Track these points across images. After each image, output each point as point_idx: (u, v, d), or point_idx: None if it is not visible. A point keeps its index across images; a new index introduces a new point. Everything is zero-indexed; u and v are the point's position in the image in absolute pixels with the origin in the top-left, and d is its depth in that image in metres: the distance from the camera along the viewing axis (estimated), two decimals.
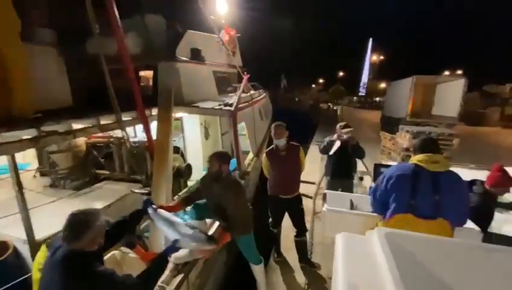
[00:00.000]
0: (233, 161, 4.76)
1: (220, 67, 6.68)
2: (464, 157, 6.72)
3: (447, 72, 26.59)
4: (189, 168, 4.73)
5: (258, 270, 2.57)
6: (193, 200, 2.53)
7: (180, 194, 3.97)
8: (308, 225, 3.91)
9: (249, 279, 2.69)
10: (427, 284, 0.74)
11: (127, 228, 2.10)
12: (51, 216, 2.94)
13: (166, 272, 2.12)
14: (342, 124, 3.47)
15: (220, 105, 4.42)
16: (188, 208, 3.46)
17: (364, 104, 37.39)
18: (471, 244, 0.90)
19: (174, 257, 2.30)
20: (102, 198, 3.45)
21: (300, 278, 2.97)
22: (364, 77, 63.14)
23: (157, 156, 3.25)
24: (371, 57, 63.34)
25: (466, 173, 4.12)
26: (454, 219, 1.67)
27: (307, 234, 3.24)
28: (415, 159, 1.79)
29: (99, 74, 3.33)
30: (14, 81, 2.56)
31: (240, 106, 4.76)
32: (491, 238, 2.32)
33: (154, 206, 2.15)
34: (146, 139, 3.75)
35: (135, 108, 3.59)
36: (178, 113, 4.57)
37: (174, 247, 1.90)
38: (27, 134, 2.48)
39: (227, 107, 4.21)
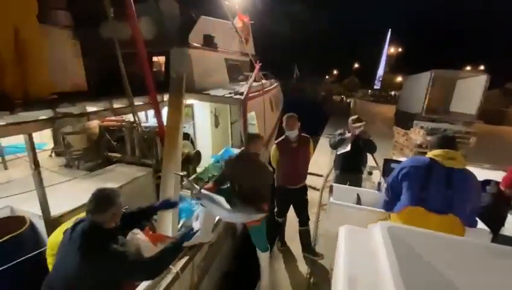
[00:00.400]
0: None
1: (232, 54, 6.62)
2: (480, 157, 6.51)
3: (468, 68, 25.35)
4: (198, 155, 4.79)
5: (263, 257, 2.62)
6: (221, 184, 2.51)
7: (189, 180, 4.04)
8: (313, 217, 3.94)
9: (252, 264, 2.75)
10: (425, 279, 0.73)
11: (146, 217, 2.19)
12: (66, 194, 3.07)
13: None
14: (354, 117, 3.39)
15: (230, 93, 4.41)
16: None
17: (378, 98, 36.42)
18: (476, 243, 0.88)
19: None
20: (114, 180, 3.56)
21: (303, 267, 3.02)
22: (380, 70, 61.18)
23: (167, 142, 3.30)
24: (389, 49, 61.12)
25: (479, 173, 4.01)
26: (463, 217, 1.64)
27: (312, 225, 3.26)
28: (431, 153, 1.79)
29: (113, 58, 3.37)
30: (31, 62, 2.63)
31: (251, 95, 4.74)
32: (501, 240, 2.27)
33: (197, 187, 2.17)
34: (157, 125, 3.81)
35: (147, 93, 3.64)
36: (189, 100, 4.60)
37: (190, 234, 1.91)
38: (43, 115, 2.56)
39: (238, 96, 4.20)
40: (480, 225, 1.91)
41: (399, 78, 38.42)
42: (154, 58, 5.13)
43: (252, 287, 2.76)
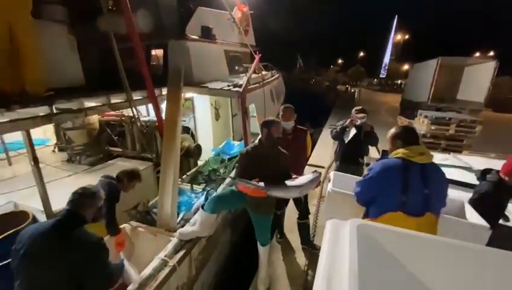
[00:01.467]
0: (242, 144, 4.78)
1: (232, 46, 6.53)
2: (487, 146, 6.39)
3: (477, 54, 24.57)
4: (198, 148, 4.80)
5: (263, 250, 2.62)
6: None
7: (188, 173, 4.07)
8: (313, 209, 3.94)
9: (251, 257, 2.78)
10: (385, 278, 0.72)
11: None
12: (68, 189, 3.10)
13: (170, 247, 2.23)
14: (358, 108, 3.34)
15: (229, 86, 4.37)
16: (198, 188, 3.58)
17: (384, 87, 35.80)
18: (446, 241, 0.86)
19: (179, 233, 2.41)
20: (115, 174, 3.60)
21: (301, 259, 3.04)
22: (386, 58, 59.85)
23: (166, 136, 3.30)
24: (395, 37, 59.55)
25: (484, 162, 3.95)
26: (438, 212, 1.64)
27: (311, 217, 3.26)
28: (401, 152, 1.67)
29: (111, 52, 3.35)
30: (27, 59, 2.62)
31: (250, 87, 4.68)
32: (501, 231, 2.23)
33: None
34: (156, 118, 3.82)
35: (146, 87, 3.63)
36: (187, 93, 4.58)
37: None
38: (41, 111, 2.58)
39: (236, 88, 4.15)
40: (478, 219, 1.87)
41: (405, 67, 37.59)
42: (153, 52, 5.09)
43: (250, 278, 2.79)
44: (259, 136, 2.40)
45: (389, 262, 0.77)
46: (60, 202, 2.77)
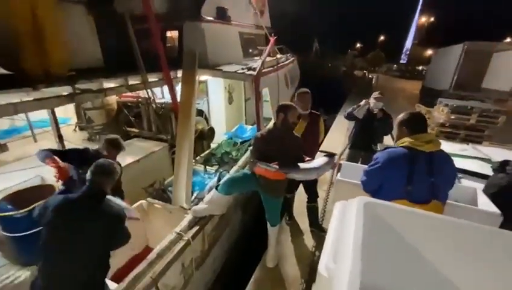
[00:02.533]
0: (254, 128, 4.81)
1: (247, 28, 6.42)
2: (510, 138, 6.11)
3: (508, 40, 22.77)
4: (212, 131, 4.89)
5: (272, 231, 2.71)
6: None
7: (202, 155, 4.18)
8: (323, 194, 3.99)
9: (260, 236, 2.89)
10: (389, 254, 0.75)
11: None
12: None
13: (185, 223, 2.36)
14: (376, 93, 3.30)
15: (243, 69, 4.35)
16: (211, 169, 3.69)
17: (404, 73, 34.24)
18: (452, 221, 0.88)
19: (193, 210, 2.53)
20: (132, 153, 3.75)
21: (309, 240, 3.13)
22: (408, 43, 56.74)
23: (180, 117, 3.38)
24: (419, 19, 56.01)
25: (506, 154, 3.81)
26: (444, 199, 1.63)
27: (320, 201, 3.31)
28: (407, 141, 1.63)
29: (128, 33, 3.40)
30: (50, 39, 2.72)
31: (264, 70, 4.64)
32: None
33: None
34: (171, 101, 3.89)
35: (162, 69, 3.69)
36: (202, 76, 4.60)
37: None
38: (63, 91, 2.70)
39: (250, 72, 4.13)
40: (491, 206, 1.85)
41: (429, 52, 35.61)
42: (168, 34, 5.10)
43: (259, 256, 2.92)
44: (273, 120, 2.43)
45: (394, 239, 0.81)
46: None
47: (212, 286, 2.88)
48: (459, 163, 3.29)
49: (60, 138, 2.72)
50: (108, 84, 3.30)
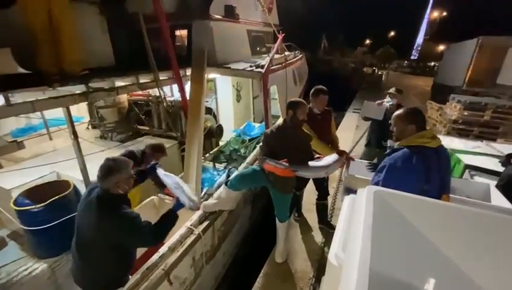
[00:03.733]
0: (262, 126, 4.83)
1: (255, 25, 6.42)
2: None
3: None
4: (220, 128, 4.93)
5: (281, 226, 2.74)
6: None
7: (211, 152, 4.23)
8: (332, 191, 3.98)
9: (269, 232, 2.92)
10: (399, 241, 0.76)
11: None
12: (101, 163, 3.40)
13: (195, 218, 2.41)
14: (393, 89, 3.30)
15: (251, 66, 4.36)
16: (220, 166, 3.74)
17: (415, 70, 33.53)
18: (463, 209, 0.87)
19: (203, 206, 2.58)
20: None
21: (318, 236, 3.13)
22: (420, 38, 55.38)
23: (190, 115, 3.43)
24: (431, 14, 54.56)
25: None
26: (450, 191, 1.64)
27: (330, 198, 3.31)
28: (419, 141, 1.57)
29: (139, 33, 3.47)
30: (65, 39, 2.80)
31: (272, 68, 4.64)
32: None
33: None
34: (181, 99, 3.95)
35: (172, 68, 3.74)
36: (210, 74, 4.65)
37: (180, 204, 1.99)
38: (78, 89, 2.78)
39: (258, 69, 4.15)
40: (502, 201, 1.82)
41: (441, 47, 34.72)
42: (177, 32, 5.16)
43: (268, 251, 2.94)
44: (281, 117, 2.45)
45: (404, 227, 0.81)
46: (95, 173, 3.05)
47: (221, 279, 2.93)
48: (471, 160, 3.24)
49: (75, 135, 2.80)
50: (120, 82, 3.38)
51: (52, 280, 2.79)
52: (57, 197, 2.93)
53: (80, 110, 5.30)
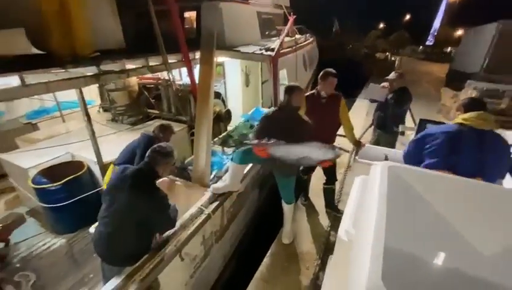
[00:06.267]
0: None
1: (265, 7, 6.24)
2: None
3: None
4: (229, 113, 4.93)
5: (288, 208, 2.78)
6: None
7: (220, 136, 4.26)
8: (339, 176, 3.98)
9: (276, 215, 2.97)
10: (414, 218, 0.76)
11: None
12: (113, 145, 3.48)
13: (205, 198, 2.47)
14: (392, 74, 3.19)
15: (261, 50, 4.28)
16: (229, 150, 3.77)
17: (430, 55, 32.17)
18: (481, 184, 0.86)
19: (212, 187, 2.63)
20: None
21: (324, 220, 3.18)
22: (437, 22, 52.66)
23: (199, 98, 3.42)
24: None
25: None
26: (492, 179, 1.59)
27: (337, 184, 3.32)
28: (460, 118, 1.70)
29: (148, 15, 3.43)
30: (76, 21, 2.80)
31: (282, 51, 4.55)
32: None
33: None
34: (190, 82, 3.94)
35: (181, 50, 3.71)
36: (220, 58, 4.59)
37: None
38: (89, 71, 2.81)
39: (268, 52, 4.07)
40: None
41: (459, 32, 33.09)
42: (186, 15, 5.07)
43: (275, 234, 3.01)
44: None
45: (418, 203, 0.82)
46: (107, 155, 3.13)
47: (230, 258, 3.04)
48: None
49: (88, 117, 2.86)
50: (130, 65, 3.38)
51: (69, 254, 2.95)
52: (72, 176, 3.05)
53: (91, 94, 5.38)
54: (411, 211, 0.81)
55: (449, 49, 33.79)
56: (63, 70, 2.57)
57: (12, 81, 2.19)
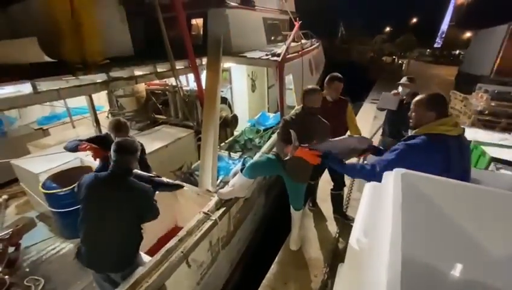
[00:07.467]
0: (277, 116, 4.79)
1: (271, 13, 6.29)
2: None
3: None
4: (235, 118, 4.95)
5: (296, 214, 2.75)
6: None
7: (226, 142, 4.27)
8: (347, 182, 3.92)
9: (284, 221, 2.94)
10: (429, 227, 0.74)
11: None
12: None
13: (211, 204, 2.46)
14: (405, 78, 3.16)
15: (267, 55, 4.30)
16: (235, 155, 3.77)
17: (438, 58, 31.79)
18: (495, 191, 0.83)
19: (219, 193, 2.62)
20: (161, 139, 3.93)
21: (332, 227, 3.12)
22: (444, 25, 52.07)
23: (206, 104, 3.45)
24: None
25: None
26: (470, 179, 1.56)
27: (345, 189, 3.28)
28: (440, 129, 1.49)
29: (156, 22, 3.49)
30: (87, 30, 2.87)
31: (288, 56, 4.56)
32: None
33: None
34: (197, 88, 3.98)
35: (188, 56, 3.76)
36: (226, 63, 4.63)
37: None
38: (99, 78, 2.87)
39: (274, 58, 4.08)
40: None
41: (467, 34, 32.65)
42: (193, 22, 5.15)
43: (282, 240, 2.97)
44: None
45: (432, 210, 0.79)
46: None
47: (236, 264, 3.01)
48: (497, 153, 3.08)
49: (97, 122, 2.91)
50: (139, 72, 3.44)
51: None
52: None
53: (100, 100, 5.48)
54: (425, 219, 0.78)
55: (457, 51, 33.36)
56: (74, 77, 2.63)
57: (24, 88, 2.25)
